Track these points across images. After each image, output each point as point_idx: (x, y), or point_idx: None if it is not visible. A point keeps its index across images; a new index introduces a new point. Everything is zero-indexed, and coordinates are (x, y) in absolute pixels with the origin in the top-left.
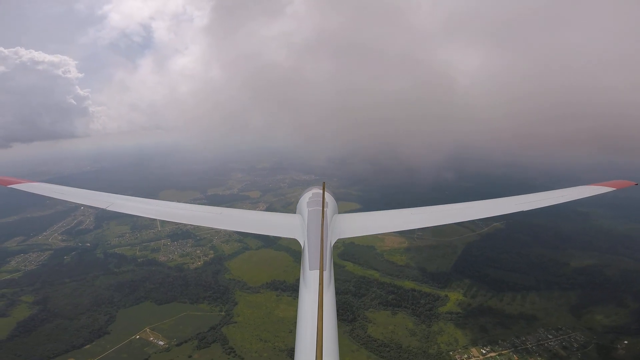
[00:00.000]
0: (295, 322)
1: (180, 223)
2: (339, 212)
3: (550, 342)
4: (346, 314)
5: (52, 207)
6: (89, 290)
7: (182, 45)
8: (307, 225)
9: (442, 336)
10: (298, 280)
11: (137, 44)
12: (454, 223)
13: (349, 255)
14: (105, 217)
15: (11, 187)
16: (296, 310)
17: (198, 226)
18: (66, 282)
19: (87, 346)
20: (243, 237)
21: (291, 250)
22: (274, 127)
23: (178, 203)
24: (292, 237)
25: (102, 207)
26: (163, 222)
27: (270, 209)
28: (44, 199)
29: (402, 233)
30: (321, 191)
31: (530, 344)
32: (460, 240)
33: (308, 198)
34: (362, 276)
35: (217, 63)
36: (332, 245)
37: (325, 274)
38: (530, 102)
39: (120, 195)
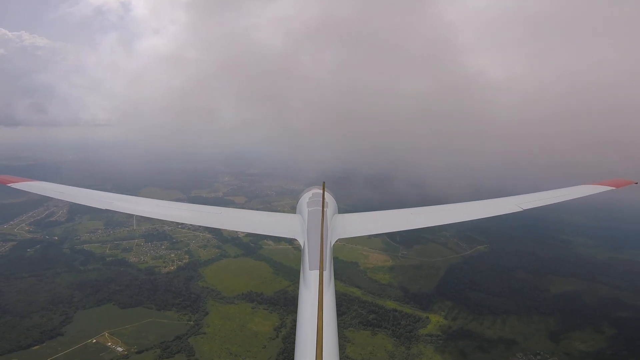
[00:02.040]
0: (295, 323)
1: (181, 223)
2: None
3: None
4: None
5: (25, 194)
6: (47, 287)
7: (160, 24)
8: (307, 225)
9: (421, 359)
10: (276, 293)
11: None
12: (437, 244)
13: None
14: (78, 210)
15: (10, 186)
16: (281, 320)
17: (198, 226)
18: (24, 276)
19: (36, 347)
20: (222, 244)
21: (272, 261)
22: (257, 127)
23: (178, 203)
24: (292, 237)
25: (102, 208)
26: (139, 221)
27: None
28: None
29: (386, 251)
30: (321, 191)
31: None
32: (444, 261)
33: (308, 198)
34: (343, 293)
35: (204, 47)
36: (332, 245)
37: (325, 274)
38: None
39: (120, 195)
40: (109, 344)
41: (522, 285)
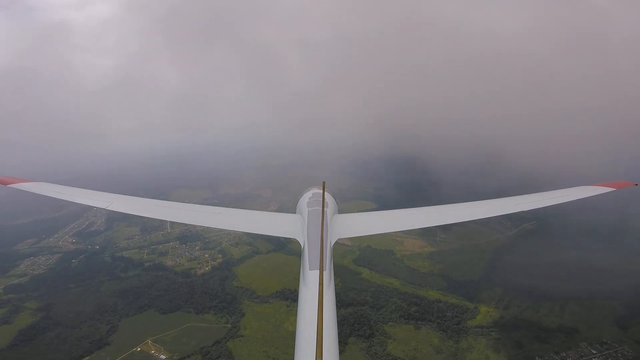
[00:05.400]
0: (295, 322)
1: (181, 223)
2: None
3: (595, 357)
4: (363, 329)
5: (66, 207)
6: (93, 296)
7: None
8: (307, 225)
9: (472, 353)
10: None
11: None
12: (479, 225)
13: (366, 261)
14: (116, 217)
15: (11, 187)
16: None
17: (202, 227)
18: (71, 287)
19: (86, 358)
20: (253, 240)
21: None
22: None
23: (179, 203)
24: (292, 237)
25: (102, 207)
26: (173, 224)
27: (281, 208)
28: (59, 199)
29: (423, 236)
30: (321, 191)
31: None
32: (487, 243)
33: (308, 198)
34: (380, 285)
35: None
36: (332, 245)
37: (325, 274)
38: None
39: (121, 195)
40: (153, 351)
41: (578, 266)
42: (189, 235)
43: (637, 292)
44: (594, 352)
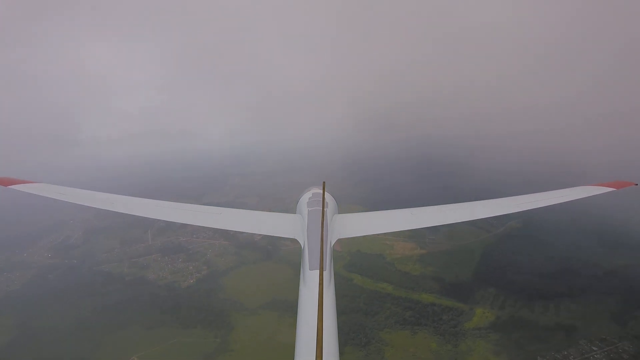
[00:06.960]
0: (295, 323)
1: (180, 222)
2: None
3: (596, 354)
4: (358, 337)
5: (41, 221)
6: (72, 312)
7: None
8: (307, 225)
9: (472, 356)
10: None
11: None
12: (466, 224)
13: (356, 267)
14: (93, 230)
15: (11, 188)
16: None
17: (198, 227)
18: (48, 303)
19: None
20: (239, 250)
21: (293, 263)
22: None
23: (179, 203)
24: (292, 237)
25: (103, 208)
26: (154, 235)
27: None
28: (32, 213)
29: (412, 238)
30: (321, 191)
31: (573, 358)
32: (476, 243)
33: (308, 198)
34: (373, 290)
35: None
36: (332, 245)
37: (325, 274)
38: None
39: (121, 195)
40: None
41: (568, 262)
42: (171, 246)
43: (630, 286)
44: (594, 349)
